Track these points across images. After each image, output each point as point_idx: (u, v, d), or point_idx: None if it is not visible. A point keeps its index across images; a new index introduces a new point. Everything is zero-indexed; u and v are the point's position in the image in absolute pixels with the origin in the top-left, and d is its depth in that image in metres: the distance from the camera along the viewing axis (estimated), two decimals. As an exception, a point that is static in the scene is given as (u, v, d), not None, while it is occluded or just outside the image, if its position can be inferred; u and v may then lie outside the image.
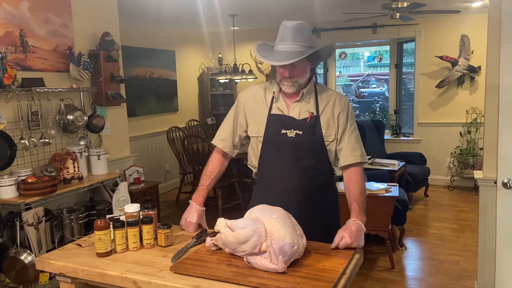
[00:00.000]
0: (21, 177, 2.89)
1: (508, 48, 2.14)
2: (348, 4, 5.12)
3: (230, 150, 2.04)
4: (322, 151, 1.90)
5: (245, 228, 1.55)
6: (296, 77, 1.86)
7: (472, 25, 5.81)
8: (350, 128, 1.93)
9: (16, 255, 2.72)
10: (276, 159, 1.92)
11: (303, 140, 1.88)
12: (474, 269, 3.21)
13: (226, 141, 2.03)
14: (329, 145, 1.91)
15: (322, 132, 1.89)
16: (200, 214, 2.00)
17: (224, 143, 2.03)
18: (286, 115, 1.91)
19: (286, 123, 1.90)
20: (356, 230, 1.73)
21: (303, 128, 1.88)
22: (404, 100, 7.09)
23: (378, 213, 3.63)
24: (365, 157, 1.95)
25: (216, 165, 2.05)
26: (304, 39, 1.82)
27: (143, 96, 6.01)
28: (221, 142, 2.04)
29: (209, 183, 2.04)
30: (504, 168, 2.19)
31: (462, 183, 6.11)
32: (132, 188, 4.16)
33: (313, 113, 1.90)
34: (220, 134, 2.06)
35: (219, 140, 2.05)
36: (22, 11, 3.10)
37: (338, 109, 1.92)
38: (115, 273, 1.57)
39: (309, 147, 1.89)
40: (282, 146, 1.90)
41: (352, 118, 1.96)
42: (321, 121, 1.90)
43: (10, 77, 2.84)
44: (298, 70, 1.85)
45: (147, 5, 4.77)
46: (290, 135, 1.88)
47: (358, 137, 1.95)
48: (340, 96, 1.98)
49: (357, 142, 1.93)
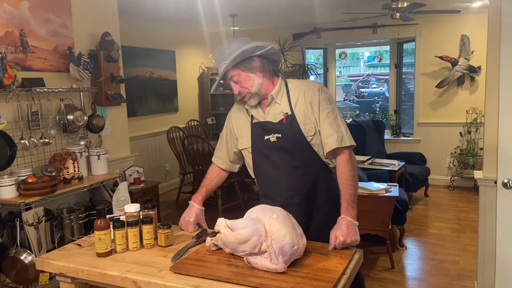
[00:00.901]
0: (21, 177, 2.89)
1: (508, 48, 2.14)
2: (348, 4, 5.12)
3: (228, 167, 2.11)
4: (307, 147, 1.89)
5: (245, 228, 1.55)
6: (247, 89, 1.88)
7: (472, 25, 5.81)
8: (322, 114, 1.87)
9: (16, 255, 2.72)
10: (267, 165, 1.95)
11: (284, 142, 1.88)
12: (474, 269, 3.21)
13: (223, 159, 2.10)
14: (312, 140, 1.88)
15: (301, 128, 1.87)
16: (199, 213, 2.01)
17: (221, 160, 2.11)
18: (264, 121, 1.93)
19: (266, 129, 1.92)
20: (347, 226, 1.71)
21: (281, 130, 1.89)
22: (404, 100, 7.09)
23: (378, 213, 3.63)
24: (346, 140, 1.87)
25: (213, 172, 2.13)
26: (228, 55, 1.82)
27: (143, 96, 6.01)
28: (218, 160, 2.12)
29: (208, 184, 2.09)
30: (504, 168, 2.19)
31: (462, 183, 6.11)
32: (132, 188, 4.16)
33: (287, 113, 1.90)
34: (217, 152, 2.14)
35: (217, 158, 2.13)
36: (22, 11, 3.10)
37: (308, 99, 1.89)
38: (115, 273, 1.57)
39: (293, 147, 1.89)
40: (268, 152, 1.92)
41: (326, 103, 1.89)
42: (297, 118, 1.88)
43: (10, 77, 2.84)
44: (242, 83, 1.87)
45: (147, 5, 4.77)
46: (272, 140, 1.90)
47: (334, 121, 1.88)
48: (308, 85, 1.93)
49: (332, 126, 1.87)
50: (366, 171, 4.72)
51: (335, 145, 1.85)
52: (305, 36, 6.84)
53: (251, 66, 1.86)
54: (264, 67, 1.88)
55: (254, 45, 1.84)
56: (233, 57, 1.80)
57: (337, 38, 6.88)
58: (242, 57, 1.82)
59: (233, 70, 1.85)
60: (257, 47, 1.84)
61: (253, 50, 1.83)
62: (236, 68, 1.84)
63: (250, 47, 1.82)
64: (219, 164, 2.11)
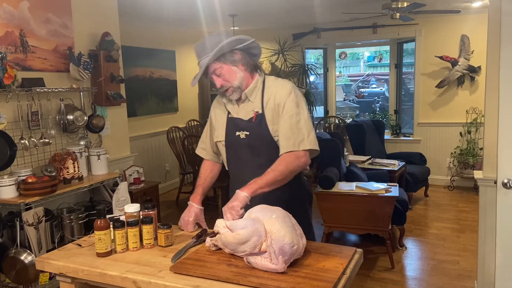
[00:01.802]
0: (21, 177, 2.89)
1: (508, 48, 2.15)
2: (348, 4, 5.12)
3: (212, 157, 2.13)
4: (274, 147, 1.90)
5: (245, 228, 1.55)
6: (229, 83, 1.89)
7: (472, 25, 5.81)
8: (285, 116, 1.86)
9: (16, 255, 2.72)
10: (236, 160, 1.98)
11: (252, 140, 1.91)
12: (474, 269, 3.21)
13: (207, 150, 2.13)
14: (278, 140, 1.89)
15: (269, 128, 1.88)
16: (198, 212, 2.02)
17: (204, 151, 2.14)
18: (237, 117, 1.95)
19: (238, 125, 1.94)
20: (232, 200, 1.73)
21: (250, 129, 1.91)
22: (404, 100, 7.09)
23: (378, 213, 3.63)
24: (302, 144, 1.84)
25: (206, 169, 2.13)
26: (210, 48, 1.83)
27: (143, 96, 6.01)
28: (202, 151, 2.15)
29: (203, 183, 2.11)
30: (504, 168, 2.19)
31: (462, 183, 6.11)
32: (132, 188, 4.16)
33: (258, 111, 1.91)
34: (201, 143, 2.16)
35: (200, 149, 2.16)
36: (22, 11, 3.10)
37: (278, 101, 1.89)
38: (115, 273, 1.57)
39: (260, 146, 1.91)
40: (238, 148, 1.95)
41: (292, 105, 1.86)
42: (266, 117, 1.89)
43: (10, 77, 2.84)
44: (224, 76, 1.88)
45: (147, 5, 4.77)
46: (242, 137, 1.93)
47: (296, 124, 1.85)
48: (280, 86, 1.93)
49: (292, 129, 1.84)
50: (366, 171, 4.72)
51: (291, 148, 1.83)
52: (305, 36, 6.84)
53: (234, 59, 1.88)
54: (245, 61, 1.90)
55: (237, 38, 1.86)
56: (218, 48, 1.81)
57: (337, 38, 6.88)
58: (226, 49, 1.84)
59: (215, 63, 1.86)
60: (240, 40, 1.86)
61: (236, 42, 1.86)
62: (218, 61, 1.85)
63: (235, 39, 1.85)
64: (203, 155, 2.14)
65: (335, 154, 4.24)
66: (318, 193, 3.81)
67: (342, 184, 3.94)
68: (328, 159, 4.25)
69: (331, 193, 3.77)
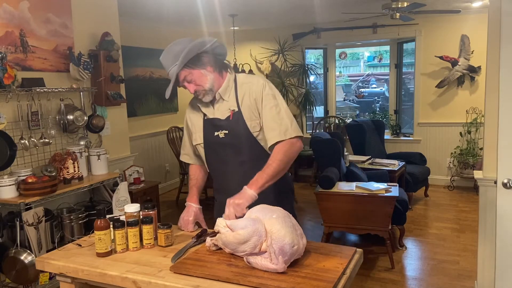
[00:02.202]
0: (21, 177, 2.89)
1: (508, 48, 2.15)
2: (348, 4, 5.12)
3: (196, 161, 2.15)
4: (254, 143, 1.92)
5: (245, 228, 1.55)
6: (200, 87, 1.89)
7: (472, 25, 5.81)
8: (265, 109, 1.89)
9: (16, 255, 2.72)
10: (217, 160, 2.00)
11: (231, 138, 1.92)
12: (474, 269, 3.21)
13: (189, 155, 2.15)
14: (258, 135, 1.92)
15: (247, 124, 1.90)
16: (196, 212, 2.03)
17: (187, 156, 2.16)
18: (214, 117, 1.96)
19: (215, 125, 1.95)
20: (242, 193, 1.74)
21: (228, 127, 1.92)
22: (404, 100, 7.09)
23: (378, 213, 3.63)
24: (291, 132, 1.87)
25: (193, 172, 2.16)
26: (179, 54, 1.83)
27: (143, 96, 6.01)
28: (185, 157, 2.17)
29: (196, 183, 2.13)
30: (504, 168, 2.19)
31: (462, 183, 6.11)
32: (132, 188, 4.16)
33: (234, 109, 1.92)
34: (182, 149, 2.18)
35: (183, 155, 2.18)
36: (22, 11, 3.10)
37: (253, 96, 1.91)
38: (115, 273, 1.57)
39: (240, 143, 1.92)
40: (218, 148, 1.97)
41: (269, 98, 1.90)
42: (243, 114, 1.91)
43: (10, 77, 2.84)
44: (195, 81, 1.88)
45: (147, 5, 4.77)
46: (221, 136, 1.94)
47: (277, 115, 1.88)
48: (253, 81, 1.95)
49: (275, 120, 1.87)
50: (366, 171, 4.72)
51: (278, 138, 1.86)
52: (305, 36, 6.84)
53: (201, 62, 1.88)
54: (212, 62, 1.91)
55: (200, 40, 1.86)
56: (184, 54, 1.81)
57: (337, 38, 6.88)
58: (192, 54, 1.84)
59: (184, 70, 1.86)
60: (203, 42, 1.86)
61: (200, 45, 1.86)
62: (186, 67, 1.86)
63: (197, 43, 1.85)
64: (186, 160, 2.16)
65: (335, 154, 4.24)
66: (318, 193, 3.81)
67: (342, 184, 3.94)
68: (328, 159, 4.25)
69: (331, 193, 3.77)
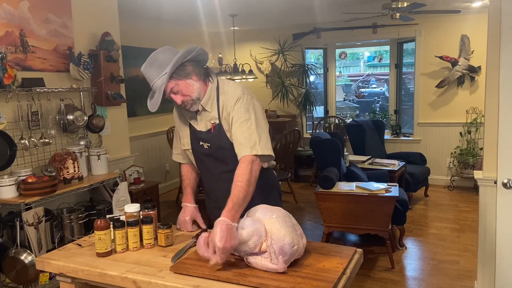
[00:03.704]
0: (21, 177, 2.88)
1: (508, 48, 2.15)
2: (348, 4, 5.12)
3: (188, 161, 2.13)
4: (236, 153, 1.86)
5: (245, 228, 1.55)
6: (189, 96, 1.86)
7: (472, 25, 5.81)
8: (235, 125, 1.84)
9: (16, 255, 2.72)
10: (204, 168, 2.02)
11: (214, 151, 1.92)
12: (474, 269, 3.21)
13: (182, 154, 2.13)
14: None
15: (228, 136, 1.89)
16: (192, 211, 2.04)
17: (180, 156, 2.14)
18: (198, 129, 1.95)
19: (199, 137, 1.95)
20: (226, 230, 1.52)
21: (210, 140, 1.92)
22: (404, 100, 7.09)
23: (378, 213, 3.63)
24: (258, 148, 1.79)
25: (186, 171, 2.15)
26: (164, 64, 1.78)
27: (143, 96, 5.96)
28: (178, 157, 2.16)
29: (189, 183, 2.13)
30: (504, 168, 2.20)
31: (462, 183, 6.11)
32: (132, 188, 4.16)
33: (215, 122, 1.89)
34: (174, 149, 2.17)
35: (176, 155, 2.17)
36: (22, 11, 3.10)
37: (228, 109, 1.87)
38: (115, 273, 1.57)
39: (223, 155, 1.91)
40: (203, 158, 1.98)
41: (241, 112, 1.83)
42: (223, 126, 1.89)
43: (10, 77, 2.84)
44: (182, 91, 1.84)
45: (147, 5, 4.77)
46: (206, 147, 1.94)
47: (247, 130, 1.81)
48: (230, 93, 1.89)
49: (244, 136, 1.81)
50: (366, 171, 4.72)
51: (243, 153, 1.79)
52: (305, 36, 6.84)
53: (186, 72, 1.83)
54: (197, 70, 1.87)
55: (186, 50, 1.81)
56: (172, 65, 1.76)
57: (337, 38, 6.88)
58: (177, 65, 1.79)
59: (170, 82, 1.81)
60: (189, 51, 1.81)
61: (187, 54, 1.81)
62: (172, 79, 1.81)
63: (185, 52, 1.80)
64: (179, 160, 2.15)
65: (335, 154, 4.24)
66: (318, 193, 3.81)
67: (342, 184, 3.94)
68: (328, 159, 4.25)
69: (331, 193, 3.77)
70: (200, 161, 2.01)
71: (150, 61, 1.82)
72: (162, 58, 1.80)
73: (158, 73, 1.80)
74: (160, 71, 1.79)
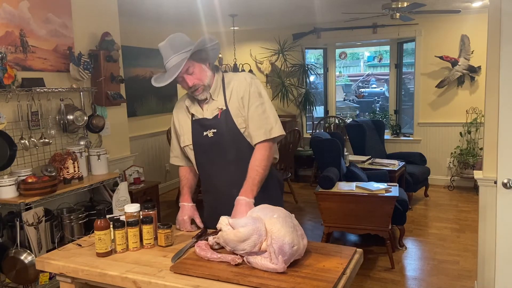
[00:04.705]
0: (21, 177, 2.89)
1: (508, 48, 2.14)
2: (348, 4, 5.12)
3: (186, 163, 2.15)
4: (242, 140, 1.94)
5: (245, 226, 1.55)
6: (200, 82, 1.90)
7: (472, 25, 5.81)
8: (252, 107, 1.92)
9: (16, 255, 2.72)
10: (207, 161, 2.02)
11: (220, 136, 1.94)
12: (474, 269, 3.21)
13: (179, 157, 2.15)
14: (245, 132, 1.94)
15: (235, 121, 1.93)
16: (190, 210, 2.04)
17: (178, 159, 2.16)
18: (202, 117, 1.98)
19: (204, 125, 1.97)
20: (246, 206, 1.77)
21: (217, 126, 1.94)
22: (404, 100, 7.09)
23: (378, 213, 3.63)
24: (273, 131, 1.93)
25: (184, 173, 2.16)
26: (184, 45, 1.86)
27: (143, 96, 6.00)
28: (175, 160, 2.17)
29: (187, 182, 2.14)
30: (504, 168, 2.19)
31: (462, 183, 6.11)
32: (132, 188, 4.16)
33: (222, 108, 1.94)
34: (172, 152, 2.18)
35: (174, 158, 2.18)
36: (22, 11, 3.10)
37: (240, 94, 1.94)
38: (115, 273, 1.57)
39: (229, 141, 1.94)
40: (207, 148, 1.99)
41: (256, 96, 1.94)
42: (231, 112, 1.93)
43: (10, 77, 2.84)
44: (196, 75, 1.89)
45: (147, 5, 4.77)
46: (210, 135, 1.96)
47: (263, 114, 1.93)
48: (240, 79, 1.98)
49: (261, 119, 1.92)
50: (366, 171, 4.72)
51: (263, 138, 1.91)
52: (305, 36, 6.84)
53: (202, 57, 1.91)
54: (210, 60, 1.95)
55: (207, 38, 1.90)
56: (198, 42, 1.84)
57: (337, 38, 6.88)
58: (201, 46, 1.87)
59: (189, 60, 1.86)
60: (208, 40, 1.89)
61: (206, 42, 1.88)
62: (191, 58, 1.86)
63: (205, 39, 1.88)
64: (176, 163, 2.17)
65: (335, 154, 4.24)
66: (318, 193, 3.81)
67: (342, 184, 3.94)
68: (328, 159, 4.25)
69: (331, 193, 3.77)
70: (203, 153, 2.01)
71: (170, 40, 1.88)
72: (180, 40, 1.87)
73: (174, 52, 1.85)
74: (176, 51, 1.85)
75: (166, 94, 6.47)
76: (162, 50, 1.89)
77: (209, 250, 1.65)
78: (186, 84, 1.91)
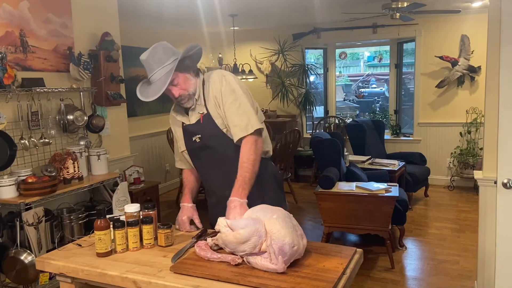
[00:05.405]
0: (21, 177, 2.89)
1: (508, 48, 2.14)
2: (348, 4, 5.12)
3: (188, 166, 2.16)
4: (228, 141, 1.93)
5: (245, 228, 1.55)
6: (185, 92, 1.91)
7: (472, 25, 5.81)
8: (226, 105, 1.90)
9: (16, 255, 2.72)
10: (201, 164, 2.05)
11: (206, 141, 1.95)
12: (474, 269, 3.21)
13: (182, 160, 2.16)
14: (228, 132, 1.93)
15: (216, 123, 1.92)
16: (189, 210, 2.05)
17: (181, 162, 2.18)
18: (188, 124, 1.99)
19: (191, 131, 1.98)
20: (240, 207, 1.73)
21: (200, 131, 1.95)
22: (404, 100, 7.09)
23: (378, 213, 3.63)
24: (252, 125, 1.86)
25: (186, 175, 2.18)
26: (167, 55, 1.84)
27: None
28: (179, 163, 2.19)
29: (188, 183, 2.16)
30: (504, 168, 2.19)
31: (462, 183, 6.11)
32: (132, 188, 4.16)
33: (204, 112, 1.94)
34: (176, 156, 2.21)
35: (177, 161, 2.21)
36: (22, 11, 3.10)
37: (214, 93, 1.92)
38: (115, 273, 1.57)
39: (215, 144, 1.95)
40: (198, 152, 2.01)
41: (228, 94, 1.89)
42: (211, 114, 1.93)
43: (10, 77, 2.84)
44: (181, 85, 1.89)
45: (147, 5, 4.78)
46: (198, 141, 1.97)
47: (237, 110, 1.88)
48: (214, 77, 1.95)
49: (237, 115, 1.88)
50: (366, 171, 4.72)
51: (241, 134, 1.87)
52: (305, 36, 6.84)
53: (185, 66, 1.89)
54: (193, 67, 1.94)
55: (190, 46, 1.86)
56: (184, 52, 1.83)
57: (337, 38, 6.88)
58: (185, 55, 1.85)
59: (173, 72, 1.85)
60: (190, 48, 1.86)
61: (189, 50, 1.86)
62: (175, 70, 1.85)
63: (188, 48, 1.85)
64: (181, 166, 2.19)
65: (335, 154, 4.24)
66: (318, 193, 3.81)
67: (342, 184, 3.94)
68: (328, 159, 4.25)
69: (331, 193, 3.77)
70: (196, 157, 2.04)
71: (152, 53, 1.85)
72: (163, 51, 1.86)
73: (158, 65, 1.84)
74: (160, 64, 1.84)
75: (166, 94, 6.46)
76: (146, 64, 1.87)
77: (209, 250, 1.65)
78: (172, 95, 1.92)
